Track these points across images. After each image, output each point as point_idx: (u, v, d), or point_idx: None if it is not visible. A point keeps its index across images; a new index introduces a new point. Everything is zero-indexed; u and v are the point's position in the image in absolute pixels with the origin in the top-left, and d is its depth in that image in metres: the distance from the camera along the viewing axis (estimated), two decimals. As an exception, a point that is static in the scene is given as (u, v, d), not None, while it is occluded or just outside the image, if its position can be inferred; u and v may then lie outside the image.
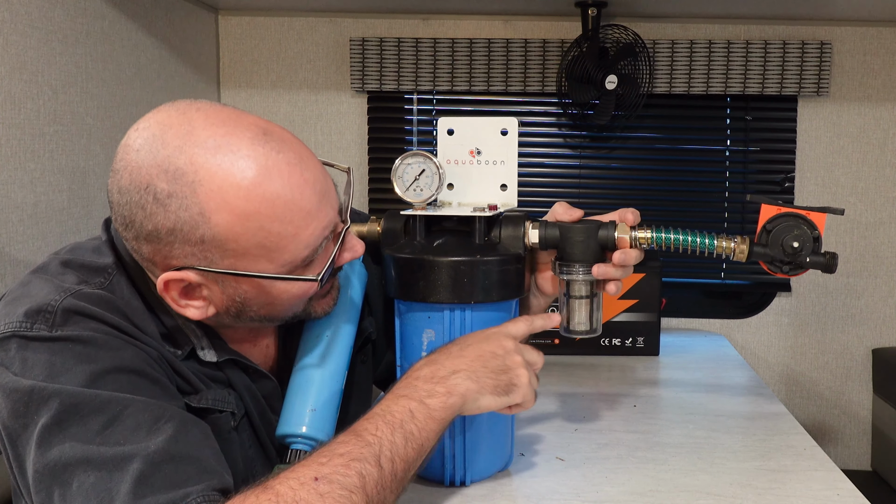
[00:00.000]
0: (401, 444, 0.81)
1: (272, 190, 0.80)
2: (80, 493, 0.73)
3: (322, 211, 0.84)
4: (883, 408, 2.16)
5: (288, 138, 0.84)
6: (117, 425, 0.75)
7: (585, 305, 1.06)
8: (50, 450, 0.74)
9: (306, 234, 0.83)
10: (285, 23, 2.20)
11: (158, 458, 0.74)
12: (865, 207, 2.19)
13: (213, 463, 0.78)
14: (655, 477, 1.09)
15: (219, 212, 0.79)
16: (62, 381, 0.76)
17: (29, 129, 1.35)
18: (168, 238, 0.80)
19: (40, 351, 0.78)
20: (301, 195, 0.82)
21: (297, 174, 0.82)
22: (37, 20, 1.37)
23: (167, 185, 0.78)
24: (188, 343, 0.90)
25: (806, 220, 1.04)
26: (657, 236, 1.05)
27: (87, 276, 0.86)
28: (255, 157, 0.80)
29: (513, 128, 1.10)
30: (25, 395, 0.76)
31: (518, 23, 2.18)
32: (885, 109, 2.16)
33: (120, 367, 0.79)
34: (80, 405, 0.75)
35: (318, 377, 0.99)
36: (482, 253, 1.00)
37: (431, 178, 1.04)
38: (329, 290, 0.97)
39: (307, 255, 0.85)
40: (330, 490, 0.74)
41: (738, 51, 2.11)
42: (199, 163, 0.78)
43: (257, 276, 0.84)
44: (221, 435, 0.91)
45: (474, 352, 0.93)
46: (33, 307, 0.80)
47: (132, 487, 0.72)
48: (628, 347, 1.78)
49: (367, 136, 2.23)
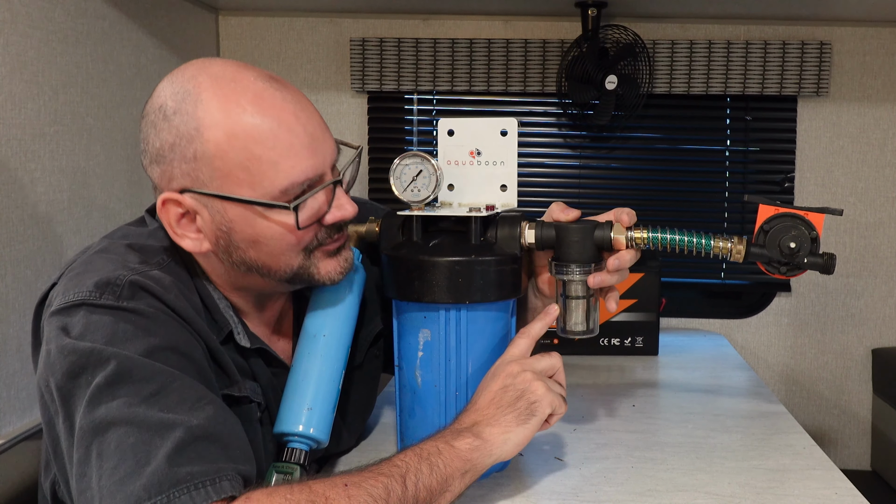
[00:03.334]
0: (426, 472, 0.85)
1: (262, 117, 0.87)
2: (118, 450, 0.76)
3: (308, 152, 0.90)
4: (883, 408, 2.16)
5: (293, 88, 0.92)
6: (164, 396, 0.80)
7: (582, 306, 1.07)
8: (98, 407, 0.78)
9: (287, 164, 0.88)
10: (285, 23, 2.20)
11: (199, 433, 0.78)
12: (865, 207, 2.19)
13: (245, 450, 0.83)
14: (654, 476, 1.09)
15: (211, 128, 0.86)
16: (120, 346, 0.81)
17: (29, 129, 1.35)
18: (170, 155, 0.88)
19: (105, 318, 0.83)
20: (289, 129, 0.88)
21: (290, 111, 0.89)
22: (37, 20, 1.38)
23: (175, 103, 0.88)
24: (227, 325, 0.96)
25: (804, 221, 1.03)
26: (653, 236, 1.05)
27: (148, 256, 0.92)
28: (254, 89, 0.88)
29: (512, 128, 1.10)
30: (84, 356, 0.80)
31: (518, 23, 2.18)
32: (884, 109, 2.15)
33: (174, 346, 0.85)
34: (134, 370, 0.80)
35: (315, 376, 1.00)
36: (478, 253, 1.00)
37: (429, 178, 1.04)
38: (335, 253, 0.98)
39: (286, 187, 0.88)
40: (358, 494, 0.79)
41: (737, 51, 2.11)
42: (205, 87, 0.88)
43: (238, 200, 0.88)
44: (250, 425, 0.95)
45: (486, 398, 0.96)
46: (102, 279, 0.85)
47: (169, 453, 0.75)
48: (627, 347, 1.78)
49: (367, 137, 2.23)
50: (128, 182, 1.67)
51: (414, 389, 1.05)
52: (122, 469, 0.75)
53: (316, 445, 0.99)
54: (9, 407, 1.29)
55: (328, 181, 0.93)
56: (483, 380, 0.99)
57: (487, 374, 0.99)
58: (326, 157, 0.93)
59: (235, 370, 0.95)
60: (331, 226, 0.96)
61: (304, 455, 0.98)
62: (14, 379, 1.31)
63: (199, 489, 0.75)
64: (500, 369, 0.98)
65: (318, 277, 0.97)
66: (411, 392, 1.05)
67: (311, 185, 0.91)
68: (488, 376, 0.98)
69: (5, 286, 1.29)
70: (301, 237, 0.93)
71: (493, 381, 0.97)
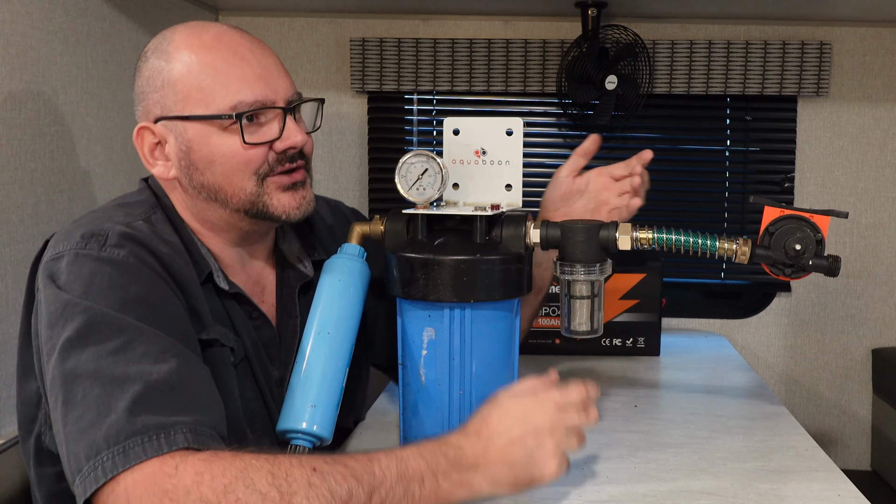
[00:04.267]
0: (398, 495, 0.83)
1: (219, 48, 0.98)
2: (83, 402, 0.80)
3: (260, 80, 0.98)
4: (883, 408, 2.16)
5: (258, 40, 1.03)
6: (129, 350, 0.83)
7: (587, 306, 1.06)
8: (67, 360, 0.83)
9: (236, 86, 0.97)
10: (285, 23, 2.20)
11: (158, 386, 0.81)
12: (865, 208, 2.19)
13: (207, 401, 0.85)
14: (656, 477, 1.09)
15: (177, 57, 0.98)
16: (94, 299, 0.86)
17: (29, 129, 1.35)
18: (147, 89, 1.00)
19: (84, 267, 0.88)
20: (242, 58, 0.98)
21: (247, 46, 1.00)
22: (37, 20, 1.37)
23: (153, 46, 1.01)
24: (207, 267, 1.02)
25: (809, 223, 1.03)
26: (658, 237, 1.05)
27: (133, 210, 1.01)
28: (218, 29, 1.01)
29: (518, 128, 1.10)
30: (61, 307, 0.86)
31: (518, 23, 2.18)
32: (884, 109, 2.16)
33: (146, 298, 0.89)
34: (102, 325, 0.84)
35: (319, 373, 1.00)
36: (482, 252, 1.00)
37: (434, 177, 1.04)
38: (291, 188, 1.02)
39: (234, 104, 0.97)
40: (319, 485, 0.78)
41: (737, 51, 2.11)
42: (179, 29, 1.01)
43: (193, 117, 0.98)
44: (220, 368, 0.98)
45: (501, 442, 0.89)
46: (88, 231, 0.92)
47: (129, 405, 0.79)
48: (629, 347, 1.77)
49: (367, 137, 2.23)
50: (128, 182, 1.66)
51: (417, 388, 1.05)
52: (86, 419, 0.79)
53: (319, 443, 0.99)
54: (9, 407, 1.28)
55: (281, 113, 1.00)
56: (515, 399, 0.92)
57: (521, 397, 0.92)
58: (279, 90, 1.00)
59: (209, 314, 0.99)
60: (282, 154, 1.00)
61: (308, 452, 0.97)
62: (14, 379, 1.30)
63: (153, 440, 0.77)
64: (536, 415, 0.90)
65: (272, 210, 1.01)
66: (415, 390, 1.05)
67: (261, 108, 0.98)
68: (519, 408, 0.91)
69: (5, 286, 1.29)
70: (250, 157, 0.98)
71: (522, 423, 0.90)
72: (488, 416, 0.91)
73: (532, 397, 0.92)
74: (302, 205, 1.03)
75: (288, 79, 1.03)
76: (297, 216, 1.03)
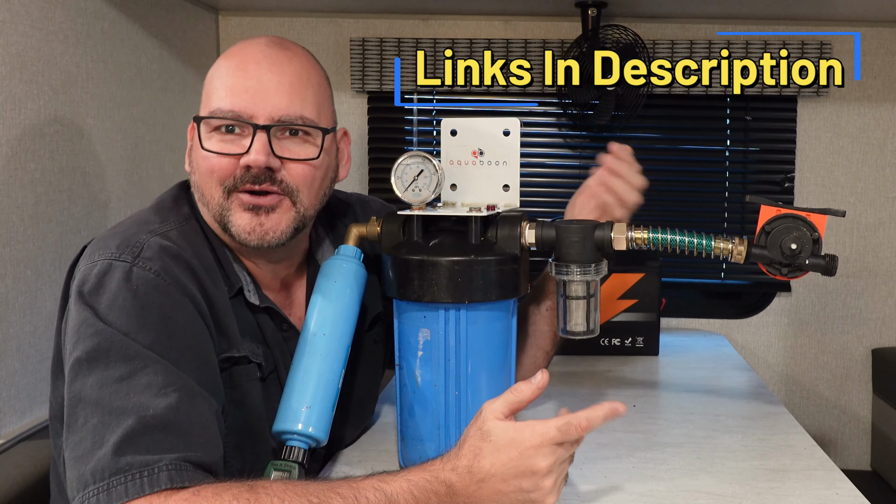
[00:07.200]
0: None
1: (234, 57, 1.00)
2: (83, 429, 0.82)
3: (247, 93, 0.97)
4: (883, 408, 2.16)
5: (288, 53, 1.02)
6: (133, 379, 0.84)
7: (582, 306, 1.06)
8: (75, 381, 0.85)
9: (223, 93, 0.98)
10: (285, 23, 2.20)
11: (152, 422, 0.81)
12: (865, 208, 2.19)
13: (202, 439, 0.84)
14: (655, 477, 1.09)
15: (215, 63, 1.03)
16: (113, 317, 0.87)
17: (29, 129, 1.35)
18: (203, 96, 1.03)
19: (112, 282, 0.89)
20: (242, 70, 0.99)
21: (256, 59, 0.99)
22: (37, 20, 1.38)
23: None
24: (238, 282, 1.02)
25: (805, 222, 1.03)
26: (654, 237, 1.05)
27: (167, 216, 1.01)
28: (254, 41, 1.02)
29: (515, 128, 1.10)
30: (80, 323, 0.88)
31: (518, 23, 2.18)
32: (885, 109, 2.15)
33: (166, 321, 0.89)
34: (112, 351, 0.85)
35: (314, 375, 1.00)
36: (477, 253, 1.00)
37: (430, 178, 1.04)
38: (253, 209, 0.99)
39: (213, 110, 0.98)
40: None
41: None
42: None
43: (195, 117, 1.01)
44: (246, 385, 1.00)
45: (494, 486, 0.84)
46: (123, 241, 0.94)
47: (118, 441, 0.80)
48: (628, 347, 1.78)
49: (367, 137, 2.23)
50: (128, 182, 1.67)
51: (414, 389, 1.05)
52: (82, 447, 0.81)
53: (315, 444, 0.99)
54: (9, 407, 1.29)
55: (253, 133, 0.97)
56: (511, 437, 0.85)
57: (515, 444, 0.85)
58: (265, 108, 0.98)
59: (237, 330, 0.99)
60: (247, 173, 0.97)
61: (303, 453, 0.98)
62: (14, 379, 1.30)
63: (136, 480, 0.78)
64: (533, 458, 0.85)
65: (232, 228, 1.00)
66: (411, 391, 1.05)
67: (234, 120, 0.98)
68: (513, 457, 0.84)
69: (5, 286, 1.29)
70: (214, 166, 0.98)
71: (517, 461, 0.84)
72: (479, 453, 0.85)
73: (528, 441, 0.85)
74: (256, 231, 0.99)
75: (287, 100, 0.99)
76: (252, 242, 0.99)
